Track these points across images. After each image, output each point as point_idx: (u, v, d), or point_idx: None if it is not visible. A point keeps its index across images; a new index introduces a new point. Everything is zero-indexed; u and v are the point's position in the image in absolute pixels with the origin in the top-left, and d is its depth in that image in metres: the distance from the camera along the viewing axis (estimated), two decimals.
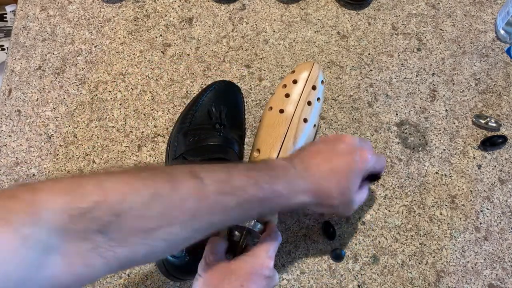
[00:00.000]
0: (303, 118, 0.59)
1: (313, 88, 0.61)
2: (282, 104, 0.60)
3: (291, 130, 0.58)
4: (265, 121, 0.61)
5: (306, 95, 0.60)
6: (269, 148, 0.57)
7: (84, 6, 0.79)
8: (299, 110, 0.59)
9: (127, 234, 0.37)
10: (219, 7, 0.79)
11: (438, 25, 0.78)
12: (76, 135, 0.69)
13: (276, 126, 0.59)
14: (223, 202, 0.42)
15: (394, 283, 0.61)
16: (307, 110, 0.60)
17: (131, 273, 0.61)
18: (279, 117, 0.59)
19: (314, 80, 0.61)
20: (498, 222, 0.64)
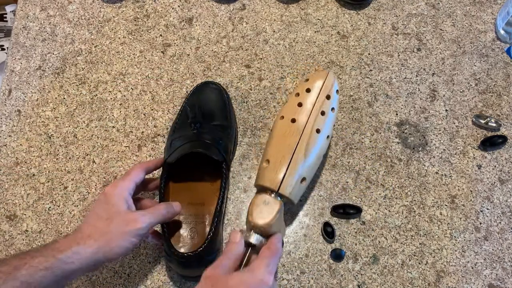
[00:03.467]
0: (316, 128, 0.57)
1: (327, 98, 0.59)
2: (295, 113, 0.57)
3: (303, 141, 0.56)
4: (276, 131, 0.58)
5: (319, 105, 0.58)
6: (279, 159, 0.55)
7: (84, 6, 0.79)
8: (312, 120, 0.57)
9: None
10: (219, 7, 0.79)
11: (438, 25, 0.78)
12: (76, 135, 0.69)
13: (287, 136, 0.56)
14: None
15: (394, 283, 0.61)
16: (320, 120, 0.57)
17: (131, 273, 0.61)
18: (291, 127, 0.57)
19: (328, 90, 0.59)
20: (498, 222, 0.64)
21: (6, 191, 0.66)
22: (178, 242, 0.59)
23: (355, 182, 0.66)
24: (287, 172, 0.54)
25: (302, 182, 0.55)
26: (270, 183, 0.54)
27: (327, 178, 0.67)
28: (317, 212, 0.65)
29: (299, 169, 0.55)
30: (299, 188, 0.55)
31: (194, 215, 0.60)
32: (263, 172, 0.55)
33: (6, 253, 0.62)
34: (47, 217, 0.64)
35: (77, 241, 0.48)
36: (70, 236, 0.49)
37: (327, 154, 0.68)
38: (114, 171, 0.67)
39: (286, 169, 0.54)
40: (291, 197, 0.54)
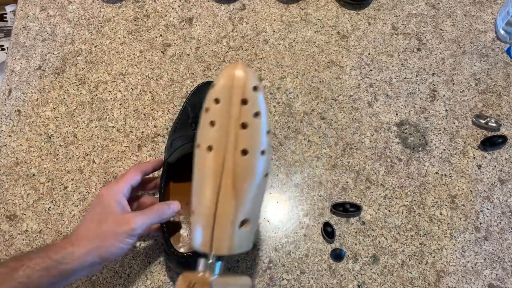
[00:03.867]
0: (241, 149, 0.43)
1: (243, 103, 0.43)
2: (209, 138, 0.43)
3: (227, 176, 0.42)
4: (194, 165, 0.45)
5: (236, 117, 0.42)
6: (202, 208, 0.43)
7: (84, 6, 0.79)
8: (231, 140, 0.42)
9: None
10: (219, 7, 0.79)
11: (438, 25, 0.78)
12: (76, 135, 0.69)
13: (206, 173, 0.43)
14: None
15: (394, 283, 0.61)
16: (243, 137, 0.43)
17: (131, 273, 0.61)
18: (208, 158, 0.43)
19: (241, 91, 0.43)
20: (498, 222, 0.64)
21: (6, 191, 0.66)
22: (178, 242, 0.58)
23: (355, 182, 0.66)
24: (215, 224, 0.43)
25: (242, 226, 0.44)
26: (200, 246, 0.44)
27: (327, 178, 0.67)
28: (317, 212, 0.65)
29: (231, 216, 0.43)
30: (241, 235, 0.44)
31: None
32: (192, 230, 0.45)
33: (6, 253, 0.62)
34: (47, 217, 0.64)
35: (72, 242, 0.49)
36: (66, 238, 0.50)
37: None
38: (114, 171, 0.67)
39: (213, 222, 0.43)
40: (235, 251, 0.44)
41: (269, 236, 0.63)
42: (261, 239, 0.63)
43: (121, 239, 0.49)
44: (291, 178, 0.67)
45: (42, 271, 0.46)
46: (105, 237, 0.49)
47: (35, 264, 0.46)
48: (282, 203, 0.65)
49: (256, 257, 0.62)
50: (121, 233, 0.49)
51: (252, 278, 0.61)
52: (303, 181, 0.66)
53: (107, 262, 0.58)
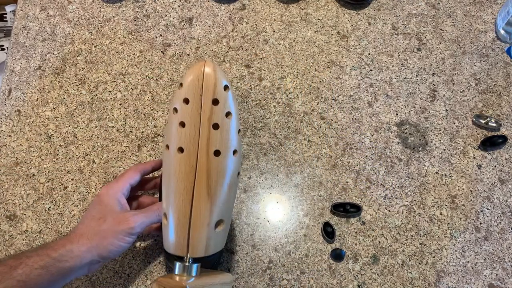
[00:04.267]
0: (213, 150, 0.42)
1: (214, 103, 0.42)
2: (179, 139, 0.42)
3: (200, 177, 0.42)
4: (165, 169, 0.44)
5: (207, 118, 0.42)
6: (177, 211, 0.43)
7: (84, 6, 0.79)
8: (203, 141, 0.42)
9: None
10: (219, 7, 0.79)
11: (438, 25, 0.78)
12: (76, 135, 0.69)
13: (178, 177, 0.42)
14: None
15: (394, 283, 0.61)
16: (215, 138, 0.42)
17: (131, 273, 0.61)
18: (180, 160, 0.42)
19: (212, 91, 0.42)
20: (498, 222, 0.64)
21: (6, 191, 0.66)
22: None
23: (355, 182, 0.66)
24: (190, 226, 0.42)
25: (218, 227, 0.44)
26: (175, 249, 0.44)
27: (327, 178, 0.67)
28: (317, 212, 0.65)
29: (207, 217, 0.43)
30: (216, 236, 0.44)
31: None
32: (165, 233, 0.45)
33: (6, 253, 0.62)
34: (47, 217, 0.64)
35: (71, 240, 0.49)
36: (65, 236, 0.50)
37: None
38: (114, 171, 0.67)
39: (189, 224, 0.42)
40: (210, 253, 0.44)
41: (269, 236, 0.63)
42: (261, 239, 0.63)
43: (120, 237, 0.49)
44: (291, 178, 0.67)
45: (41, 269, 0.46)
46: (104, 235, 0.49)
47: (33, 262, 0.46)
48: (282, 203, 0.65)
49: (256, 257, 0.62)
50: (120, 232, 0.49)
51: (252, 279, 0.61)
52: (303, 181, 0.66)
53: (106, 261, 0.58)
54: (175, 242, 0.43)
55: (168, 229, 0.44)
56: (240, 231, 0.63)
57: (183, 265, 0.44)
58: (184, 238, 0.42)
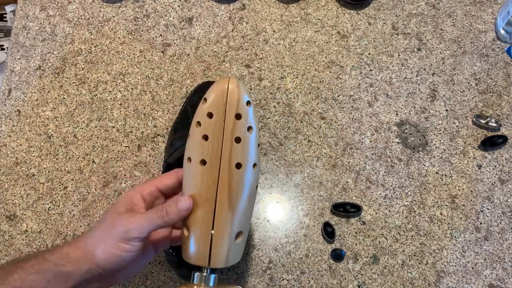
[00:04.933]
0: (235, 163, 0.43)
1: (237, 118, 0.44)
2: (202, 151, 0.43)
3: (222, 188, 0.43)
4: (187, 181, 0.45)
5: (229, 131, 0.43)
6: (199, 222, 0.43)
7: (84, 6, 0.79)
8: (226, 155, 0.43)
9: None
10: (219, 7, 0.79)
11: (438, 25, 0.78)
12: (76, 135, 0.69)
13: (201, 188, 0.43)
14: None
15: (394, 283, 0.61)
16: (237, 150, 0.43)
17: None
18: (202, 172, 0.43)
19: (235, 106, 0.43)
20: (499, 222, 0.64)
21: (6, 191, 0.66)
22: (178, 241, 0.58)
23: (355, 182, 0.66)
24: (213, 238, 0.43)
25: (237, 238, 0.45)
26: (197, 259, 0.43)
27: (327, 178, 0.66)
28: (317, 212, 0.64)
29: (228, 227, 0.43)
30: (236, 247, 0.44)
31: None
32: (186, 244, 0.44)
33: (6, 253, 0.62)
34: (47, 217, 0.64)
35: (71, 244, 0.44)
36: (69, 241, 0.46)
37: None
38: (114, 171, 0.67)
39: (211, 234, 0.42)
40: (230, 263, 0.44)
41: (269, 236, 0.63)
42: (261, 239, 0.63)
43: (114, 243, 0.42)
44: (291, 178, 0.66)
45: (37, 274, 0.42)
46: (99, 239, 0.43)
47: (30, 266, 0.42)
48: (282, 203, 0.65)
49: (256, 257, 0.62)
50: (114, 236, 0.43)
51: (252, 279, 0.61)
52: (303, 181, 0.66)
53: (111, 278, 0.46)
54: (196, 252, 0.43)
55: (190, 240, 0.43)
56: None
57: (201, 275, 0.44)
58: (206, 249, 0.43)
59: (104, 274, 0.44)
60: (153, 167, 0.67)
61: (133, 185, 0.66)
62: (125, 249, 0.43)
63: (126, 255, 0.43)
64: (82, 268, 0.43)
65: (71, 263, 0.43)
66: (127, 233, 0.42)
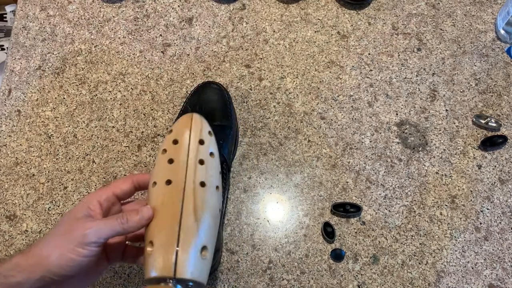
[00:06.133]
0: (199, 181, 0.45)
1: (200, 143, 0.47)
2: (167, 173, 0.46)
3: (187, 202, 0.44)
4: (152, 202, 0.46)
5: (194, 154, 0.46)
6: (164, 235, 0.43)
7: (84, 6, 0.79)
8: (190, 174, 0.45)
9: None
10: (219, 7, 0.79)
11: (438, 25, 0.78)
12: (76, 135, 0.69)
13: (166, 204, 0.44)
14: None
15: (394, 283, 0.61)
16: (201, 171, 0.46)
17: (130, 273, 0.61)
18: (167, 190, 0.45)
19: (199, 134, 0.47)
20: (498, 222, 0.64)
21: (6, 191, 0.66)
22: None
23: (355, 182, 0.66)
24: (179, 247, 0.42)
25: (202, 252, 0.44)
26: (162, 270, 0.42)
27: (327, 178, 0.67)
28: (317, 212, 0.65)
29: (194, 239, 0.43)
30: (202, 263, 0.44)
31: None
32: (149, 260, 0.43)
33: (6, 253, 0.62)
34: (47, 217, 0.64)
35: (23, 253, 0.42)
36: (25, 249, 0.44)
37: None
38: (114, 171, 0.67)
39: (177, 244, 0.42)
40: (195, 278, 0.43)
41: (269, 236, 0.63)
42: (261, 239, 0.63)
43: (71, 247, 0.41)
44: (291, 178, 0.67)
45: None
46: (55, 245, 0.42)
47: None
48: (282, 203, 0.65)
49: (256, 257, 0.62)
50: (71, 240, 0.42)
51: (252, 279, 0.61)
52: (303, 181, 0.66)
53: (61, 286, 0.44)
54: (162, 263, 0.42)
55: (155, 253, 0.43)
56: (240, 231, 0.63)
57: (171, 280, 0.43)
58: (171, 258, 0.42)
59: (56, 281, 0.43)
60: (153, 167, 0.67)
61: None
62: (82, 253, 0.42)
63: (81, 260, 0.42)
64: (33, 277, 0.42)
65: (21, 272, 0.41)
66: (85, 236, 0.42)
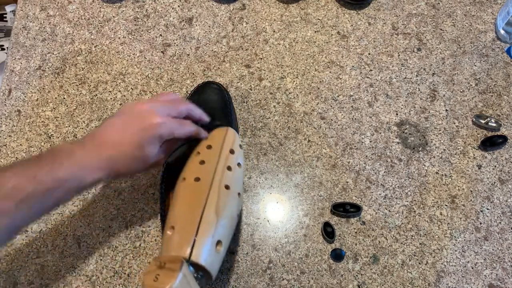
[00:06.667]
0: (224, 184, 0.50)
1: (231, 152, 0.53)
2: (197, 172, 0.50)
3: (212, 197, 0.48)
4: (179, 193, 0.50)
5: (224, 160, 0.52)
6: (186, 222, 0.46)
7: (84, 6, 0.79)
8: (218, 175, 0.50)
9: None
10: (219, 7, 0.79)
11: (438, 25, 0.78)
12: (76, 135, 0.69)
13: (192, 197, 0.48)
14: None
15: (394, 283, 0.61)
16: (228, 176, 0.51)
17: (131, 273, 0.61)
18: (195, 186, 0.49)
19: (231, 144, 0.54)
20: (498, 222, 0.64)
21: None
22: None
23: (355, 182, 0.66)
24: (197, 234, 0.45)
25: (217, 246, 0.47)
26: (179, 250, 0.44)
27: (327, 178, 0.67)
28: (317, 212, 0.65)
29: (212, 230, 0.46)
30: (215, 255, 0.46)
31: None
32: (168, 241, 0.46)
33: (6, 253, 0.62)
34: (47, 217, 0.64)
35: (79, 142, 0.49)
36: None
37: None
38: None
39: (196, 231, 0.45)
40: (208, 266, 0.45)
41: (269, 236, 0.63)
42: (261, 239, 0.63)
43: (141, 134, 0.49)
44: (291, 178, 0.67)
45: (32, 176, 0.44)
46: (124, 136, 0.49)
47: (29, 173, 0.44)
48: (282, 203, 0.65)
49: (256, 257, 0.62)
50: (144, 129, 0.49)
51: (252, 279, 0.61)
52: (303, 181, 0.66)
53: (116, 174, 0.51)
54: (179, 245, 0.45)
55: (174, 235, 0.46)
56: (240, 231, 0.63)
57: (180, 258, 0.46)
58: (189, 242, 0.45)
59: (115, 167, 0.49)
60: None
61: (133, 185, 0.66)
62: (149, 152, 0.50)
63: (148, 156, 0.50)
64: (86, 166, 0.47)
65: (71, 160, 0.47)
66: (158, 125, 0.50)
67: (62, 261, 0.61)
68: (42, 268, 0.61)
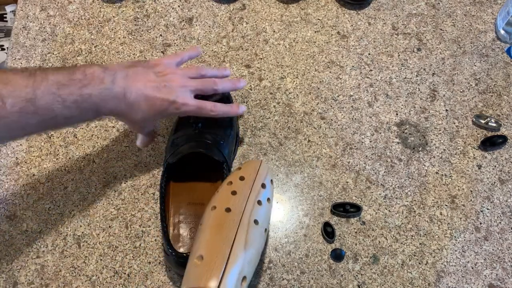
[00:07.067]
0: (254, 219, 0.49)
1: (262, 187, 0.53)
2: (228, 202, 0.50)
3: (241, 232, 0.47)
4: (209, 222, 0.49)
5: (255, 194, 0.51)
6: (215, 253, 0.46)
7: (84, 6, 0.79)
8: (248, 209, 0.49)
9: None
10: (219, 7, 0.79)
11: (438, 25, 0.78)
12: (76, 135, 0.69)
13: (222, 228, 0.48)
14: (22, 121, 0.45)
15: (394, 283, 0.61)
16: (257, 210, 0.50)
17: (131, 273, 0.61)
18: (226, 217, 0.49)
19: (263, 178, 0.53)
20: (498, 222, 0.64)
21: (6, 191, 0.66)
22: (178, 242, 0.58)
23: (355, 182, 0.66)
24: (226, 268, 0.45)
25: (243, 282, 0.47)
26: (206, 283, 0.44)
27: (327, 178, 0.67)
28: (317, 212, 0.65)
29: (240, 265, 0.46)
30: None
31: (194, 215, 0.60)
32: (195, 271, 0.45)
33: (6, 253, 0.62)
34: (47, 217, 0.64)
35: None
36: None
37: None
38: (114, 171, 0.67)
39: (225, 265, 0.45)
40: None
41: (269, 236, 0.63)
42: None
43: None
44: (291, 178, 0.67)
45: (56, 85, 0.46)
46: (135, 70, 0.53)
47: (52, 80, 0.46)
48: (282, 203, 0.65)
49: None
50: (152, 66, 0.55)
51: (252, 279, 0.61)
52: (303, 181, 0.66)
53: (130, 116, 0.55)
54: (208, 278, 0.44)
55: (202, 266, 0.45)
56: None
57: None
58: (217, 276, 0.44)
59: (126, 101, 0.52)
60: (153, 167, 0.67)
61: (133, 185, 0.66)
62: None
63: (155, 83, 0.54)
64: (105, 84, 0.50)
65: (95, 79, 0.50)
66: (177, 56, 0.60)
67: (62, 261, 0.61)
68: (42, 268, 0.61)
